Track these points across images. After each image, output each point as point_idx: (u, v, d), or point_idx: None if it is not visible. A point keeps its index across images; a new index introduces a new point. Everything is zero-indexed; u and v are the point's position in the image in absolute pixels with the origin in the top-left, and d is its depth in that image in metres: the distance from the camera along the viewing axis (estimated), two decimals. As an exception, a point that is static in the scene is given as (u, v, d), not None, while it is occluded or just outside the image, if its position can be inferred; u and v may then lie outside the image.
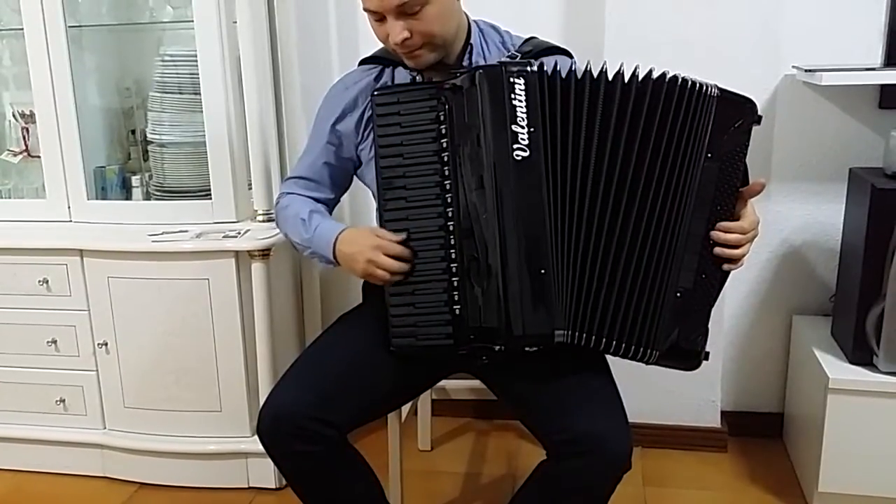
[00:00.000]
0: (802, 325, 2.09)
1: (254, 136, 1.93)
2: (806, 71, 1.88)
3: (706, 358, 1.38)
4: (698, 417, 2.16)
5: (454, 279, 1.33)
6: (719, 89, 1.32)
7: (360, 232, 1.42)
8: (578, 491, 1.31)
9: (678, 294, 1.31)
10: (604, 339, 1.31)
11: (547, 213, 1.28)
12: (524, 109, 1.28)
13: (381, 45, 1.55)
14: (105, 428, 2.09)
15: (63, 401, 2.08)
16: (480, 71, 1.30)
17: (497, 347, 1.32)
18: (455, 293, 1.33)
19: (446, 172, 1.34)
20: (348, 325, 1.54)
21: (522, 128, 1.28)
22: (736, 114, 1.32)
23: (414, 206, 1.36)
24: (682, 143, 1.30)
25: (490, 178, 1.28)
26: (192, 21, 1.87)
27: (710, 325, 1.36)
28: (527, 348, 1.32)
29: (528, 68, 1.29)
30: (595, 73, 1.29)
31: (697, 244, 1.32)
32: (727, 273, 1.36)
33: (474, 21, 1.51)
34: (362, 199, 2.32)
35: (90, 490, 2.08)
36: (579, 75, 1.29)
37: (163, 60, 2.00)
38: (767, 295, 2.17)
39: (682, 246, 1.31)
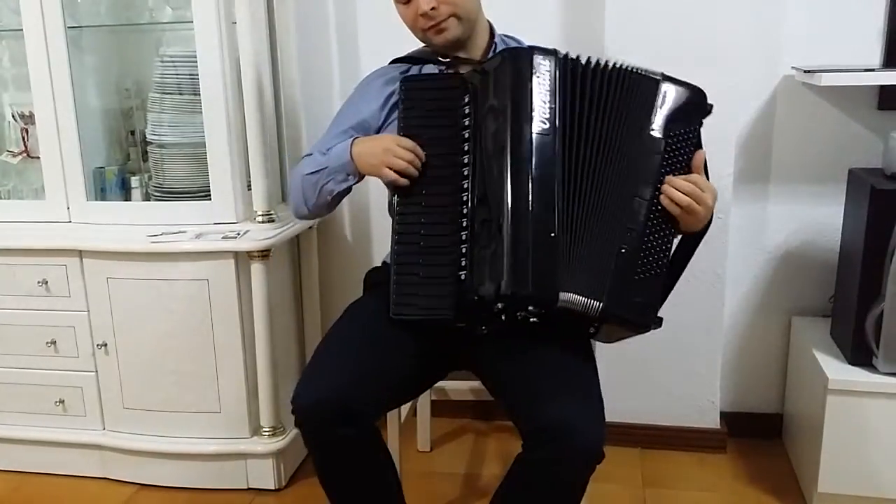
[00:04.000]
0: (802, 326, 2.09)
1: (253, 136, 1.93)
2: (805, 72, 1.89)
3: (658, 324, 1.40)
4: (698, 418, 2.16)
5: (463, 247, 1.37)
6: (664, 76, 1.42)
7: (373, 135, 1.54)
8: (548, 481, 1.31)
9: (622, 250, 1.36)
10: (575, 297, 1.33)
11: (558, 183, 1.34)
12: (548, 87, 1.36)
13: (382, 48, 1.58)
14: (104, 429, 2.09)
15: (62, 401, 2.08)
16: (509, 53, 1.39)
17: (500, 304, 1.32)
18: (462, 259, 1.36)
19: (466, 148, 1.39)
20: (362, 313, 1.55)
21: (545, 104, 1.35)
22: (681, 98, 1.41)
23: (429, 179, 1.42)
24: (633, 117, 1.39)
25: (512, 148, 1.33)
26: (192, 22, 1.87)
27: (709, 328, 1.37)
28: (530, 307, 1.32)
29: (555, 53, 1.37)
30: (601, 62, 1.40)
31: (644, 206, 1.37)
32: (691, 249, 1.45)
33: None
34: (363, 199, 2.32)
35: (89, 491, 2.08)
36: (593, 61, 1.40)
37: (162, 61, 2.00)
38: (766, 296, 2.17)
39: (629, 205, 1.37)
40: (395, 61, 1.64)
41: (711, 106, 1.42)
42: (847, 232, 1.92)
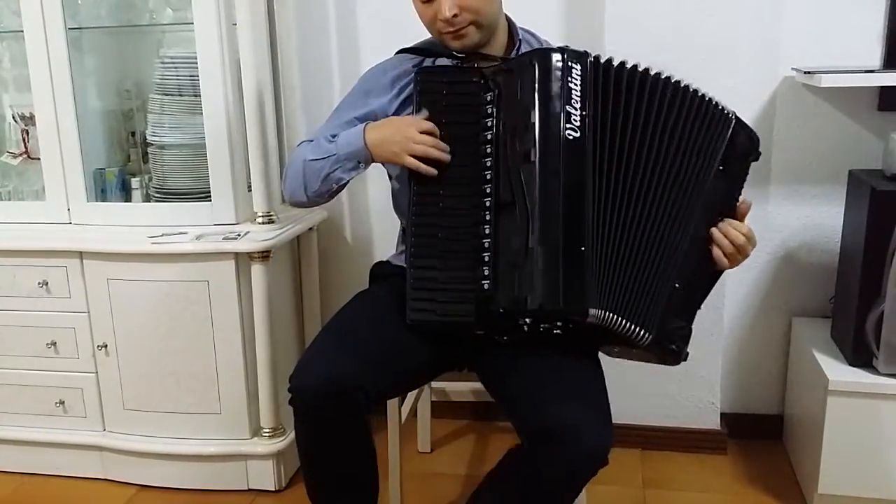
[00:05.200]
0: (802, 327, 2.09)
1: (253, 138, 1.93)
2: (805, 73, 1.89)
3: (685, 358, 1.42)
4: (698, 419, 2.16)
5: (485, 255, 1.33)
6: (735, 115, 1.40)
7: (387, 118, 1.47)
8: (547, 480, 1.29)
9: (676, 284, 1.36)
10: (620, 320, 1.32)
11: (589, 194, 1.31)
12: (579, 92, 1.30)
13: (382, 49, 1.56)
14: (104, 430, 2.09)
15: (63, 403, 2.08)
16: (538, 53, 1.33)
17: (527, 319, 1.31)
18: (485, 268, 1.32)
19: (488, 150, 1.34)
20: (369, 302, 1.54)
21: (576, 109, 1.30)
22: (743, 141, 1.41)
23: (448, 180, 1.36)
24: (702, 150, 1.37)
25: (540, 154, 1.29)
26: (192, 23, 1.87)
27: (710, 329, 1.39)
28: (558, 322, 1.32)
29: (586, 54, 1.33)
30: (639, 69, 1.35)
31: (699, 244, 1.38)
32: (714, 279, 1.44)
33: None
34: (363, 199, 2.32)
35: (90, 492, 2.08)
36: (627, 66, 1.34)
37: (163, 62, 2.00)
38: (767, 297, 2.17)
39: (687, 241, 1.36)
40: (403, 51, 1.57)
41: (760, 153, 1.43)
42: (847, 233, 1.92)
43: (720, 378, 2.13)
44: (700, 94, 1.38)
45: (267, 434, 2.02)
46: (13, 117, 2.20)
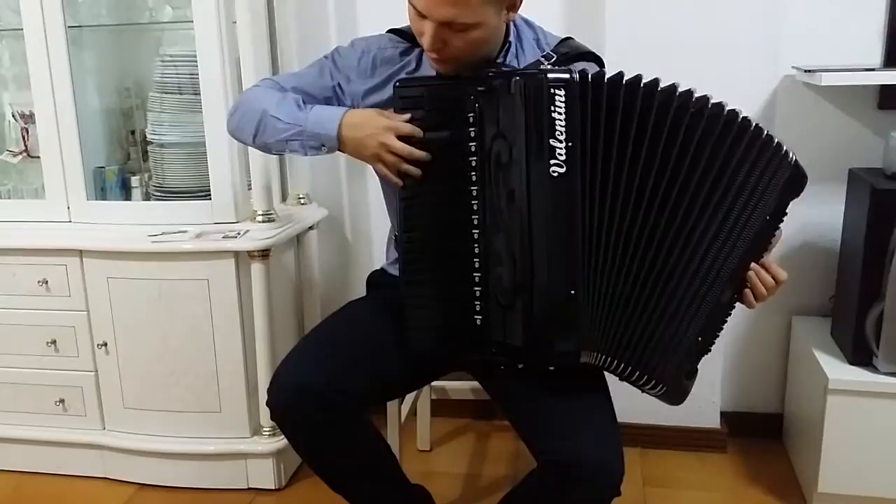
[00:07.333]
0: (802, 326, 2.09)
1: (253, 136, 1.92)
2: (806, 71, 1.88)
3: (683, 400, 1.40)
4: (698, 418, 2.16)
5: (476, 289, 1.28)
6: (794, 156, 1.29)
7: (367, 113, 1.35)
8: None
9: (699, 338, 1.30)
10: (622, 365, 1.28)
11: (580, 233, 1.22)
12: (563, 123, 1.19)
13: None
14: (104, 428, 2.09)
15: (62, 401, 2.08)
16: (517, 78, 1.21)
17: (520, 365, 1.29)
18: (477, 304, 1.28)
19: (473, 178, 1.26)
20: (358, 310, 1.53)
21: (560, 142, 1.19)
22: (797, 186, 1.31)
23: (434, 212, 1.31)
24: (749, 194, 1.27)
25: (523, 194, 1.21)
26: (192, 21, 1.87)
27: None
28: (551, 368, 1.30)
29: (570, 76, 1.19)
30: (643, 83, 1.21)
31: (733, 293, 1.31)
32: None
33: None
34: (363, 199, 2.32)
35: (90, 491, 2.08)
36: (625, 82, 1.20)
37: (162, 61, 2.00)
38: (767, 295, 2.17)
39: (720, 292, 1.29)
40: (392, 31, 1.48)
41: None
42: (847, 232, 1.92)
43: (720, 376, 2.13)
44: (742, 118, 1.23)
45: (267, 433, 2.02)
46: (13, 115, 2.20)
